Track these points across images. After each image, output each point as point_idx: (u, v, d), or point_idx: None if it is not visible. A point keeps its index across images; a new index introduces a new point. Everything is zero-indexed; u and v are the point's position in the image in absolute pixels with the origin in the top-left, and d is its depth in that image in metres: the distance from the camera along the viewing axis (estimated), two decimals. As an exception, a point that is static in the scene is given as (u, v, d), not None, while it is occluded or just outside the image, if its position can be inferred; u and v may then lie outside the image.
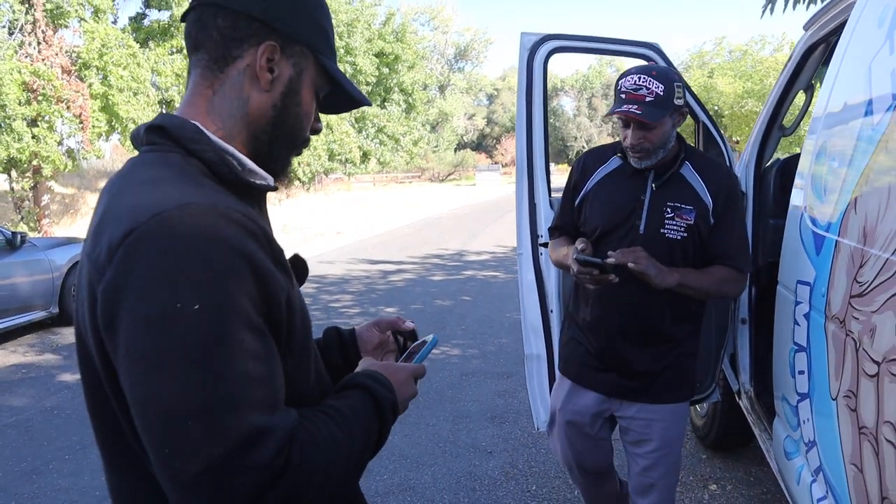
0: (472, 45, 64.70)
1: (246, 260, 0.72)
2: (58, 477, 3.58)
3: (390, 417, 0.91)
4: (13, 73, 12.26)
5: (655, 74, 1.78)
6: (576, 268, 1.78)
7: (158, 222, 0.69)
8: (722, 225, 1.90)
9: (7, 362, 5.82)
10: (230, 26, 0.86)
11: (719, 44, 31.18)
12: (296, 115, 0.92)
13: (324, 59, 0.93)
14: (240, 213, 0.75)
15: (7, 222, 13.78)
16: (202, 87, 0.88)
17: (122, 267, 0.69)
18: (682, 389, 2.05)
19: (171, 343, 0.67)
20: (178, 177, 0.78)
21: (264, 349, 0.73)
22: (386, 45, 28.91)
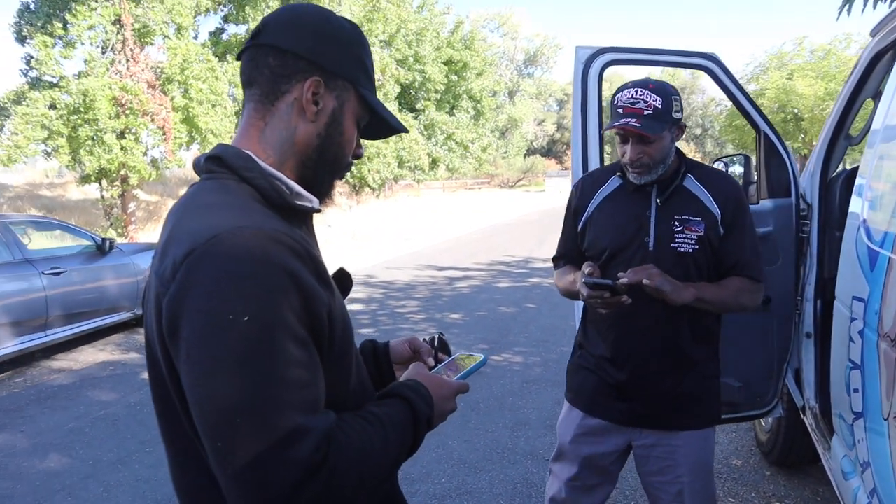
0: (542, 50, 64.30)
1: (291, 278, 0.81)
2: (140, 468, 3.84)
3: (424, 429, 0.99)
4: (105, 90, 13.07)
5: (652, 87, 1.75)
6: (585, 292, 1.72)
7: (215, 244, 0.79)
8: (733, 235, 1.85)
9: (97, 359, 6.23)
10: (280, 64, 0.96)
11: (800, 43, 29.88)
12: (338, 143, 1.02)
13: (364, 91, 1.03)
14: (286, 235, 0.84)
15: (98, 228, 14.68)
16: (255, 119, 0.99)
17: (184, 282, 0.79)
18: (706, 415, 1.95)
19: (225, 350, 0.77)
20: (232, 202, 0.89)
21: (307, 357, 0.82)
22: (455, 53, 29.17)
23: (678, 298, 1.68)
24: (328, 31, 0.99)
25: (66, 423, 4.57)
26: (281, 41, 0.97)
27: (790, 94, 27.31)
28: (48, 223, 7.61)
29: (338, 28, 1.01)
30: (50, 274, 6.13)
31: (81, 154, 13.18)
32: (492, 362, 5.71)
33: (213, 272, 0.78)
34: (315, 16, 1.00)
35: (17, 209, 16.62)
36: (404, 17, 24.15)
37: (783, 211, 2.77)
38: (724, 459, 3.76)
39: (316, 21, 0.99)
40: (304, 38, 0.97)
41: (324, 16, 1.01)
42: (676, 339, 1.86)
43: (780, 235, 2.77)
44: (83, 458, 3.99)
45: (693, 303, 1.72)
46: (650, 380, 1.88)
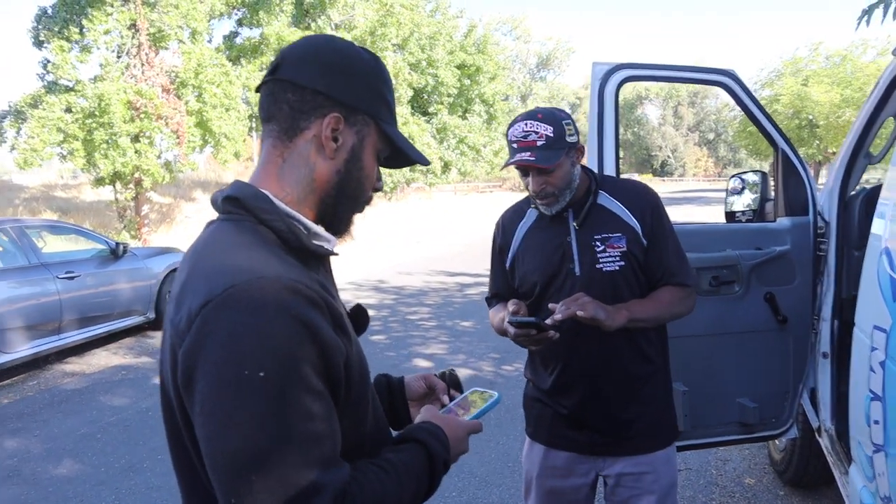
0: (555, 53, 64.29)
1: (308, 329, 0.80)
2: (152, 475, 3.85)
3: (441, 472, 0.98)
4: (120, 94, 13.18)
5: (541, 117, 1.73)
6: (512, 331, 1.68)
7: (230, 295, 0.78)
8: (655, 244, 1.81)
9: (110, 363, 6.28)
10: (298, 100, 0.94)
11: (815, 49, 29.69)
12: (357, 178, 1.00)
13: (385, 125, 1.01)
14: (303, 285, 0.83)
15: (111, 230, 14.80)
16: (273, 155, 0.97)
17: (199, 335, 0.78)
18: (663, 434, 1.91)
19: (239, 405, 0.76)
20: (249, 248, 0.87)
21: (322, 410, 0.81)
22: (467, 57, 29.19)
23: (613, 324, 1.65)
24: (348, 65, 0.97)
25: (78, 429, 4.60)
26: (299, 76, 0.95)
27: (805, 101, 27.14)
28: (63, 227, 7.68)
29: (358, 62, 0.98)
30: (64, 278, 6.19)
31: (96, 157, 13.30)
32: (503, 372, 5.69)
33: (228, 325, 0.77)
34: (334, 49, 0.98)
35: (33, 210, 16.78)
36: (417, 21, 24.21)
37: (800, 229, 2.74)
38: (736, 478, 3.72)
39: (335, 55, 0.97)
40: (323, 74, 0.95)
41: (343, 49, 0.98)
42: (618, 360, 1.82)
43: (796, 254, 2.74)
44: (95, 465, 4.01)
45: (628, 324, 1.69)
46: (600, 405, 1.84)
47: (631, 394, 1.84)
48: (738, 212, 3.05)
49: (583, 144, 1.82)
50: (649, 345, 1.86)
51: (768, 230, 2.76)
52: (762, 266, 2.70)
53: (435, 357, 6.22)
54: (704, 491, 3.58)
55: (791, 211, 2.76)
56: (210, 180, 26.31)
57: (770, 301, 2.72)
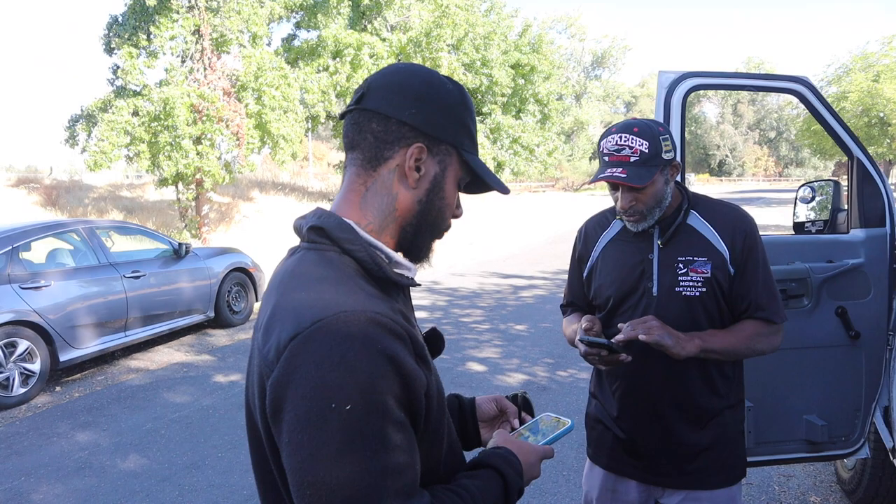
0: (610, 51, 63.38)
1: (392, 363, 0.82)
2: (213, 473, 3.96)
3: (515, 499, 0.99)
4: (183, 98, 13.62)
5: (637, 131, 1.64)
6: (582, 349, 1.64)
7: (318, 329, 0.81)
8: (744, 273, 1.71)
9: (172, 360, 6.49)
10: (383, 130, 0.96)
11: (888, 43, 28.36)
12: (439, 208, 1.02)
13: (467, 155, 1.02)
14: (387, 318, 0.85)
15: (173, 229, 15.31)
16: (357, 183, 0.99)
17: (287, 367, 0.81)
18: (730, 471, 1.81)
19: (327, 438, 0.78)
20: (335, 280, 0.89)
21: (405, 441, 0.83)
22: (522, 57, 29.03)
23: (681, 352, 1.57)
24: (432, 95, 0.98)
25: (143, 424, 4.77)
26: (384, 107, 0.96)
27: (876, 98, 25.99)
28: (130, 228, 7.98)
29: (443, 92, 0.99)
30: (130, 277, 6.43)
31: (160, 159, 13.78)
32: (557, 378, 5.64)
33: (316, 358, 0.80)
34: (419, 79, 0.99)
35: (101, 210, 17.51)
36: (472, 21, 24.18)
37: (876, 241, 2.63)
38: (801, 495, 3.59)
39: (420, 85, 0.98)
40: (407, 104, 0.96)
41: (428, 79, 0.99)
42: (688, 392, 1.75)
43: (871, 267, 2.62)
44: (160, 461, 4.15)
45: (700, 354, 1.61)
46: (664, 436, 1.77)
47: (696, 426, 1.77)
48: (808, 222, 2.94)
49: (678, 162, 1.74)
50: (723, 378, 1.78)
51: (841, 242, 2.65)
52: (833, 279, 2.59)
53: (488, 361, 6.20)
54: (767, 508, 3.47)
55: (866, 222, 2.64)
56: (266, 180, 26.94)
57: (841, 316, 2.61)
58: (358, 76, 19.20)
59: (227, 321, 7.74)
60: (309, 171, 33.10)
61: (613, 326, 1.75)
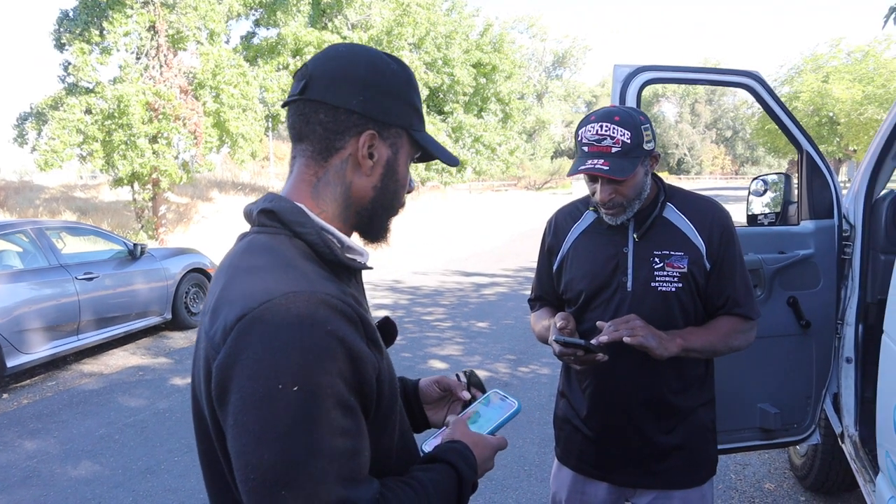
0: (571, 51, 63.96)
1: (341, 343, 0.81)
2: (169, 478, 3.86)
3: (468, 495, 0.98)
4: (138, 95, 13.30)
5: (619, 120, 1.56)
6: (557, 349, 1.57)
7: (266, 310, 0.79)
8: (721, 269, 1.67)
9: (127, 364, 6.32)
10: (331, 120, 0.94)
11: (836, 45, 29.25)
12: (394, 189, 1.01)
13: (417, 133, 1.01)
14: (337, 299, 0.83)
15: (129, 230, 14.95)
16: (306, 174, 0.97)
17: (234, 348, 0.79)
18: (701, 469, 1.78)
19: (272, 419, 0.76)
20: (285, 262, 0.87)
21: (353, 425, 0.81)
22: (483, 56, 29.13)
23: (664, 353, 1.53)
24: (378, 80, 0.96)
25: (96, 430, 4.63)
26: (330, 96, 0.94)
27: (825, 98, 26.79)
28: (82, 229, 7.76)
29: (388, 74, 0.97)
30: (83, 279, 6.24)
31: (115, 158, 13.44)
32: (519, 374, 5.66)
33: (264, 339, 0.78)
34: (363, 64, 0.96)
35: (53, 211, 16.99)
36: (433, 20, 24.17)
37: (825, 232, 2.69)
38: (756, 483, 3.67)
39: (365, 71, 0.95)
40: (355, 92, 0.94)
41: (371, 63, 0.97)
42: (661, 390, 1.70)
43: (820, 257, 2.68)
44: (113, 467, 4.03)
45: (680, 353, 1.58)
46: (635, 435, 1.73)
47: (668, 425, 1.73)
48: (760, 214, 2.99)
49: (659, 152, 1.68)
50: (695, 376, 1.75)
51: (791, 233, 2.70)
52: (785, 270, 2.65)
53: (450, 358, 6.19)
54: (723, 496, 3.52)
55: (815, 214, 2.70)
56: (226, 180, 26.50)
57: (793, 305, 2.66)
58: (319, 74, 19.00)
59: (185, 323, 7.58)
60: (270, 171, 32.64)
61: (585, 322, 1.71)
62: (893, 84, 24.26)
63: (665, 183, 1.76)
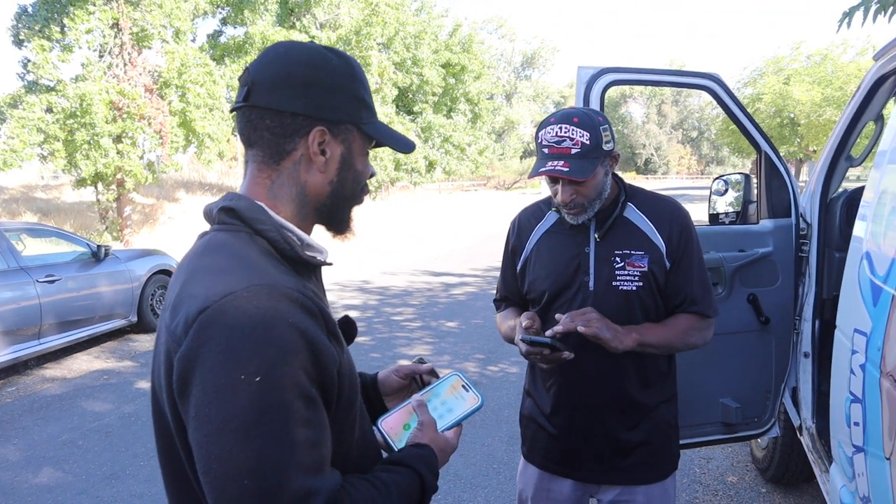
0: (540, 52, 64.39)
1: (303, 336, 0.81)
2: (134, 483, 3.80)
3: (429, 501, 1.00)
4: (102, 94, 13.02)
5: (577, 121, 1.58)
6: (524, 348, 1.60)
7: (227, 302, 0.80)
8: (680, 267, 1.70)
9: (91, 368, 6.20)
10: (278, 125, 0.94)
11: (797, 48, 29.95)
12: (352, 181, 1.02)
13: (367, 127, 1.01)
14: (298, 293, 0.85)
15: (93, 232, 14.62)
16: (260, 178, 0.97)
17: (196, 340, 0.79)
18: (664, 465, 1.81)
19: (235, 410, 0.76)
20: (245, 257, 0.88)
21: (315, 416, 0.82)
22: (452, 56, 29.16)
23: (619, 346, 1.56)
24: (319, 78, 0.95)
25: (59, 435, 4.53)
26: (273, 101, 0.93)
27: (787, 99, 27.40)
28: (43, 230, 7.57)
29: (329, 72, 0.96)
30: (44, 282, 6.10)
31: (77, 158, 13.11)
32: (488, 373, 5.69)
33: (225, 331, 0.78)
34: (302, 63, 0.95)
35: (13, 212, 16.53)
36: (402, 20, 24.10)
37: (783, 231, 2.76)
38: (719, 476, 3.75)
39: (306, 70, 0.95)
40: (296, 94, 0.93)
41: (311, 60, 0.96)
42: (624, 386, 1.73)
43: (779, 256, 2.76)
44: (76, 473, 3.95)
45: (637, 348, 1.61)
46: (598, 432, 1.75)
47: (631, 422, 1.75)
48: (722, 213, 3.07)
49: (618, 152, 1.71)
50: (658, 373, 1.77)
51: (751, 232, 2.78)
52: (745, 268, 2.72)
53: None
54: (688, 490, 3.60)
55: (774, 213, 2.78)
56: (193, 180, 26.09)
57: (753, 302, 2.74)
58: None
59: (150, 325, 7.46)
60: (238, 172, 32.25)
61: (550, 321, 1.73)
62: (850, 86, 24.91)
63: (626, 183, 1.79)
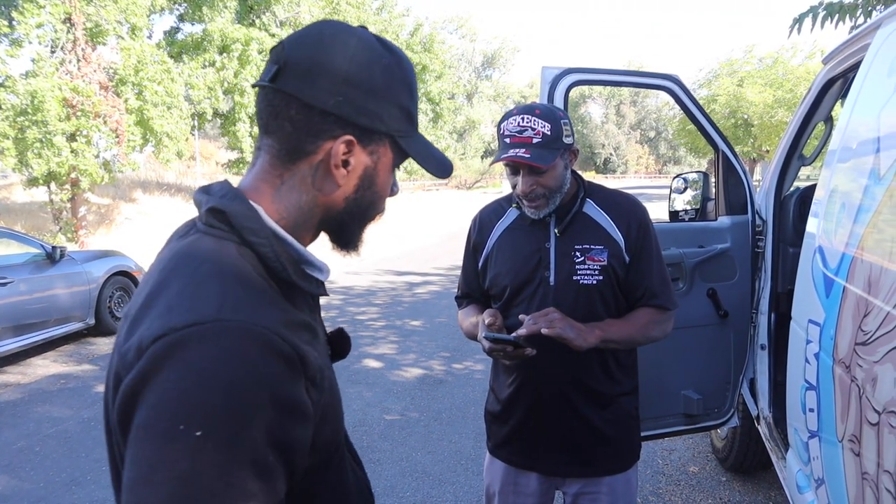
0: (500, 52, 64.76)
1: (270, 392, 0.69)
2: (96, 489, 3.73)
3: None
4: (54, 91, 12.66)
5: (539, 113, 1.61)
6: (487, 346, 1.60)
7: (190, 335, 0.68)
8: (639, 261, 1.73)
9: (47, 372, 6.03)
10: (303, 119, 0.81)
11: (749, 51, 30.76)
12: (370, 200, 0.89)
13: (405, 140, 0.88)
14: (276, 335, 0.72)
15: (46, 233, 14.20)
16: (271, 174, 0.85)
17: (146, 371, 0.68)
18: (626, 456, 1.84)
19: (166, 460, 0.64)
20: (225, 275, 0.76)
21: (264, 489, 0.68)
22: (414, 56, 29.13)
23: (583, 344, 1.57)
24: (364, 77, 0.82)
25: (14, 442, 4.41)
26: (305, 92, 0.80)
27: (740, 101, 28.09)
28: (-6, 231, 7.34)
29: (378, 70, 0.83)
30: (-3, 284, 5.92)
31: (29, 157, 12.72)
32: (453, 370, 5.73)
33: (179, 370, 0.66)
34: (348, 55, 0.82)
35: (-40, 213, 15.96)
36: (364, 19, 24.01)
37: (740, 227, 2.86)
38: (681, 466, 3.86)
39: (348, 64, 0.81)
40: (333, 90, 0.81)
41: (360, 55, 0.82)
42: (585, 379, 1.75)
43: (736, 251, 2.86)
44: (33, 480, 3.85)
45: (599, 345, 1.63)
46: (561, 426, 1.77)
47: (594, 414, 1.77)
48: (681, 210, 3.16)
49: (577, 147, 1.72)
50: (619, 367, 1.80)
51: (710, 228, 2.87)
52: (705, 263, 2.80)
53: (385, 357, 6.21)
54: (651, 480, 3.69)
55: (731, 210, 2.87)
56: (151, 180, 25.53)
57: (712, 297, 2.82)
58: (246, 72, 18.56)
59: (109, 328, 7.29)
60: (196, 171, 31.68)
61: (511, 317, 1.75)
62: (800, 89, 25.68)
63: (584, 180, 1.82)
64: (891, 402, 1.33)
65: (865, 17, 5.01)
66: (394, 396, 5.08)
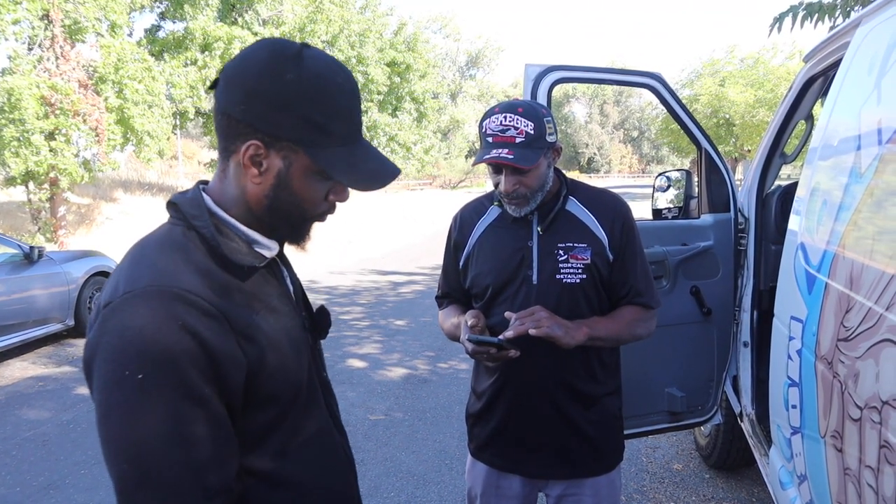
0: (484, 52, 64.78)
1: (196, 339, 0.85)
2: (74, 492, 3.67)
3: None
4: (32, 88, 12.46)
5: (522, 111, 1.58)
6: (470, 348, 1.58)
7: (125, 300, 0.86)
8: (623, 260, 1.72)
9: (25, 374, 5.94)
10: (225, 124, 0.95)
11: (731, 52, 31.08)
12: (289, 202, 0.98)
13: (313, 151, 0.94)
14: (196, 295, 0.88)
15: (24, 233, 13.99)
16: (219, 170, 1.01)
17: (98, 333, 0.87)
18: (610, 457, 1.82)
19: (119, 401, 0.83)
20: (161, 253, 0.93)
21: (205, 418, 0.86)
22: (397, 55, 29.09)
23: (570, 341, 1.55)
24: (265, 90, 0.91)
25: (-8, 445, 4.34)
26: (222, 100, 0.94)
27: (722, 101, 28.37)
28: (-30, 231, 7.21)
29: (280, 84, 0.91)
30: (-27, 285, 5.81)
31: (6, 156, 12.51)
32: (438, 370, 5.72)
33: (119, 327, 0.84)
34: (255, 70, 0.92)
35: (-65, 213, 15.67)
36: (347, 17, 23.92)
37: (722, 225, 2.87)
38: (665, 464, 3.87)
39: (253, 78, 0.91)
40: (238, 100, 0.92)
41: (264, 70, 0.91)
42: (568, 381, 1.73)
43: (719, 249, 2.87)
44: (9, 484, 3.79)
45: (586, 342, 1.61)
46: (544, 427, 1.76)
47: (577, 415, 1.75)
48: (665, 209, 3.16)
49: (560, 145, 1.71)
50: (602, 366, 1.78)
51: (693, 226, 2.87)
52: (688, 261, 2.81)
53: (369, 356, 6.18)
54: (636, 478, 3.70)
55: (713, 208, 2.88)
56: (132, 179, 25.23)
57: (696, 294, 2.83)
58: (229, 71, 18.41)
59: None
60: (178, 171, 31.38)
61: (493, 316, 1.73)
62: (781, 89, 25.97)
63: (567, 178, 1.80)
64: (872, 397, 1.34)
65: (844, 17, 5.06)
66: (378, 396, 5.06)
